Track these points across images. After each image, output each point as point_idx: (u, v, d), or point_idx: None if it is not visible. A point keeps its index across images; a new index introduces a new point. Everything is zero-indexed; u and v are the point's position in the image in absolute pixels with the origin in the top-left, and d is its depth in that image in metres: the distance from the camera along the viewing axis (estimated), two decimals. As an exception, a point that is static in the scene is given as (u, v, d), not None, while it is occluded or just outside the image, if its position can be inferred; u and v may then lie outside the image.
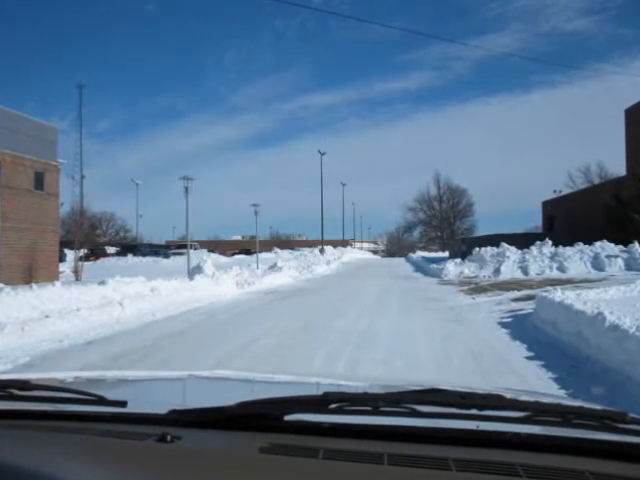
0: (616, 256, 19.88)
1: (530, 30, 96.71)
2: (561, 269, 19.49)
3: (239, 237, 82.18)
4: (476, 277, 19.51)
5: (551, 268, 19.69)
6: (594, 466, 0.84)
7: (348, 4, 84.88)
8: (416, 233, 70.08)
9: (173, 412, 1.04)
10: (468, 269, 20.92)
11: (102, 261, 34.17)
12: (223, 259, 37.02)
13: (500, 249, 21.89)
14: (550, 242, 21.87)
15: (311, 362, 5.86)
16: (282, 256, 35.70)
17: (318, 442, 0.93)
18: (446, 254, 38.29)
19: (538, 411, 0.99)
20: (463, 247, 28.58)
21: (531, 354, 6.20)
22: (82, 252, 21.94)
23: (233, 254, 47.37)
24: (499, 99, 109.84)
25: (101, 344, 7.35)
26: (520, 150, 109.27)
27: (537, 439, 0.93)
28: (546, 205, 39.06)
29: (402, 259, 43.07)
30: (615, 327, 5.40)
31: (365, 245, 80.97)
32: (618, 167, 33.07)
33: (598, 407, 1.09)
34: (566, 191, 42.75)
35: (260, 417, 1.01)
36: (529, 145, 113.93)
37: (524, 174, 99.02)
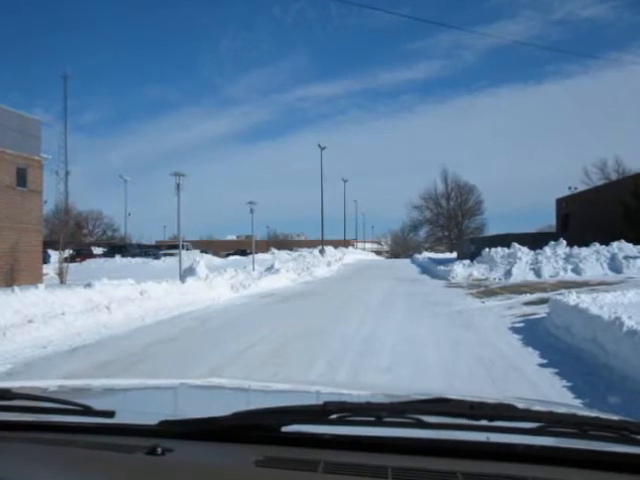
0: (635, 257, 19.86)
1: (543, 17, 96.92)
2: (576, 271, 19.48)
3: (234, 237, 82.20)
4: (486, 279, 19.52)
5: (565, 270, 19.69)
6: None
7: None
8: (422, 233, 70.12)
9: (164, 423, 1.04)
10: (477, 271, 20.93)
11: (88, 262, 34.11)
12: (217, 260, 37.01)
13: (511, 250, 21.88)
14: (564, 242, 21.86)
15: (310, 371, 5.86)
16: (280, 257, 35.67)
17: (318, 455, 0.93)
18: (454, 255, 38.29)
19: (552, 422, 0.99)
20: (472, 248, 28.58)
21: (544, 361, 6.21)
22: (67, 253, 21.91)
23: (228, 255, 47.30)
24: (511, 90, 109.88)
25: (87, 350, 7.35)
26: (533, 144, 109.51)
27: (551, 451, 0.93)
28: (560, 203, 39.01)
29: (407, 260, 43.15)
30: (633, 332, 5.40)
31: (368, 245, 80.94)
32: (637, 162, 33.14)
33: (615, 417, 1.09)
34: (581, 188, 42.80)
35: (256, 428, 1.01)
36: (542, 139, 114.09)
37: (537, 170, 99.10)
